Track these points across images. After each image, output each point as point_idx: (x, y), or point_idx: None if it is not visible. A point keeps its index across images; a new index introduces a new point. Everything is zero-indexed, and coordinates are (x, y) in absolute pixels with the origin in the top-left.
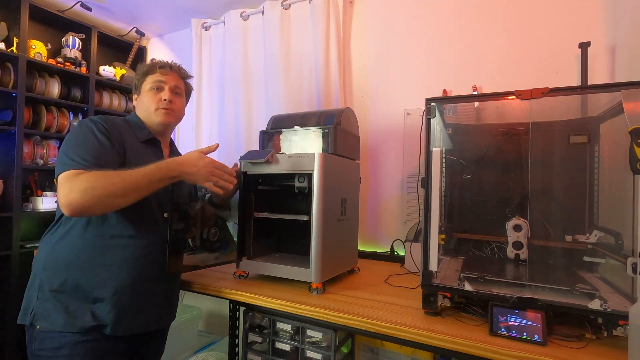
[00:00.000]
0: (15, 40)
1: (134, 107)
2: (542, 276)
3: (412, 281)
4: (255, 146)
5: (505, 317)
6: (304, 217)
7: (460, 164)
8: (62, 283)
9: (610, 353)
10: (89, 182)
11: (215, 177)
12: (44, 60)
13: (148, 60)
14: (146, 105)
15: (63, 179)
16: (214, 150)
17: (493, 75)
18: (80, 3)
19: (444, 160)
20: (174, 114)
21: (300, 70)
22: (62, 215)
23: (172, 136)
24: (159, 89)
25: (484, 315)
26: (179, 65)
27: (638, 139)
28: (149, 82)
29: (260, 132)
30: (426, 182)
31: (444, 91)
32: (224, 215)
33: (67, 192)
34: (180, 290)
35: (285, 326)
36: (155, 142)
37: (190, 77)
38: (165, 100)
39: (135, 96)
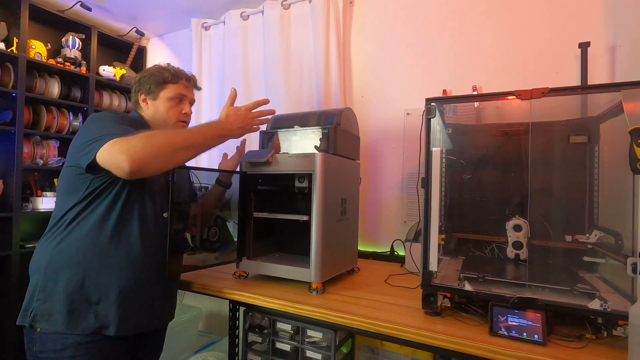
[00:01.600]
0: (15, 40)
1: (140, 107)
2: (542, 276)
3: (412, 281)
4: (255, 146)
5: (505, 317)
6: (304, 217)
7: (460, 164)
8: (66, 284)
9: (610, 353)
10: (147, 137)
11: (253, 119)
12: (44, 60)
13: (149, 61)
14: (164, 114)
15: (111, 146)
16: (235, 98)
17: (493, 75)
18: (80, 3)
19: (444, 160)
20: (188, 126)
21: (300, 70)
22: (61, 217)
23: None
24: (180, 100)
25: (484, 315)
26: (195, 78)
27: (638, 139)
28: (170, 91)
29: (260, 132)
30: (426, 182)
31: (444, 91)
32: (224, 215)
33: (125, 148)
34: (180, 290)
35: (285, 326)
36: None
37: (199, 89)
38: (186, 113)
39: (143, 97)
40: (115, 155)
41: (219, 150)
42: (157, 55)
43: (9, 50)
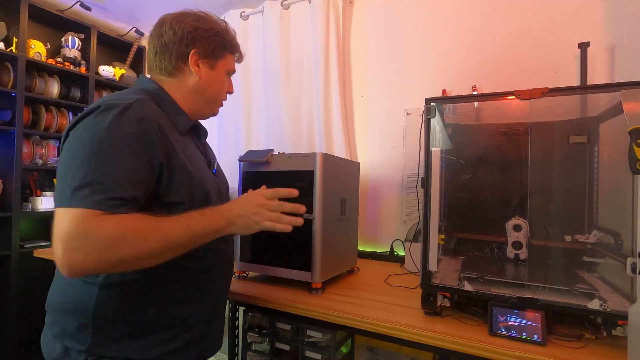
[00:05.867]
0: (15, 40)
1: (173, 72)
2: (541, 276)
3: (412, 281)
4: (254, 146)
5: (504, 317)
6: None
7: (460, 164)
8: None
9: (610, 353)
10: (116, 239)
11: (266, 211)
12: (44, 60)
13: None
14: (215, 91)
15: (71, 222)
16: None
17: (493, 75)
18: (79, 3)
19: (443, 160)
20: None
21: (299, 70)
22: None
23: None
24: (230, 77)
25: (483, 315)
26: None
27: (638, 139)
28: (230, 63)
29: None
30: (426, 182)
31: (444, 91)
32: None
33: (76, 245)
34: None
35: (285, 326)
36: (195, 129)
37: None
38: (231, 93)
39: (195, 58)
40: (63, 244)
41: (218, 156)
42: None
43: (8, 50)
